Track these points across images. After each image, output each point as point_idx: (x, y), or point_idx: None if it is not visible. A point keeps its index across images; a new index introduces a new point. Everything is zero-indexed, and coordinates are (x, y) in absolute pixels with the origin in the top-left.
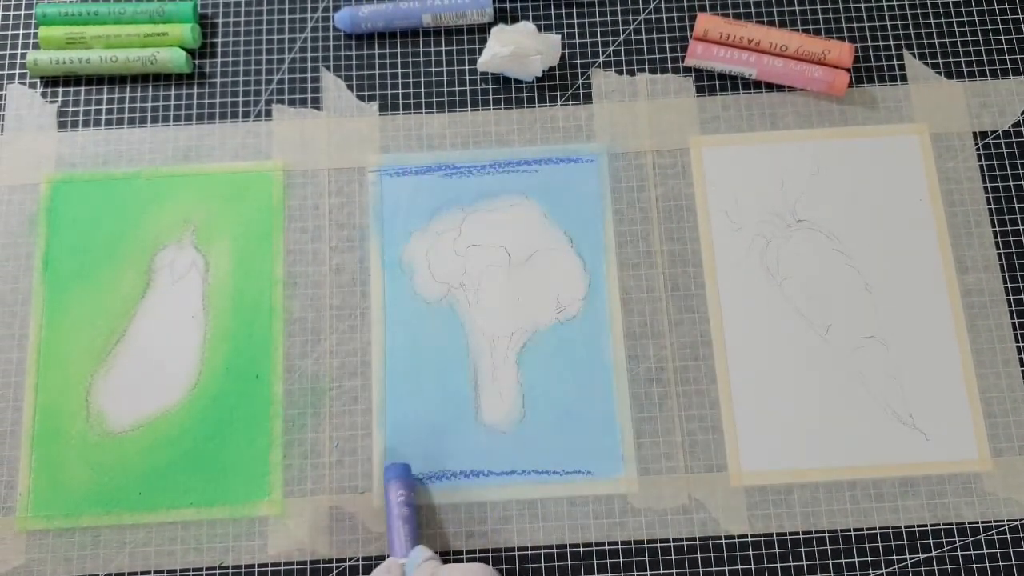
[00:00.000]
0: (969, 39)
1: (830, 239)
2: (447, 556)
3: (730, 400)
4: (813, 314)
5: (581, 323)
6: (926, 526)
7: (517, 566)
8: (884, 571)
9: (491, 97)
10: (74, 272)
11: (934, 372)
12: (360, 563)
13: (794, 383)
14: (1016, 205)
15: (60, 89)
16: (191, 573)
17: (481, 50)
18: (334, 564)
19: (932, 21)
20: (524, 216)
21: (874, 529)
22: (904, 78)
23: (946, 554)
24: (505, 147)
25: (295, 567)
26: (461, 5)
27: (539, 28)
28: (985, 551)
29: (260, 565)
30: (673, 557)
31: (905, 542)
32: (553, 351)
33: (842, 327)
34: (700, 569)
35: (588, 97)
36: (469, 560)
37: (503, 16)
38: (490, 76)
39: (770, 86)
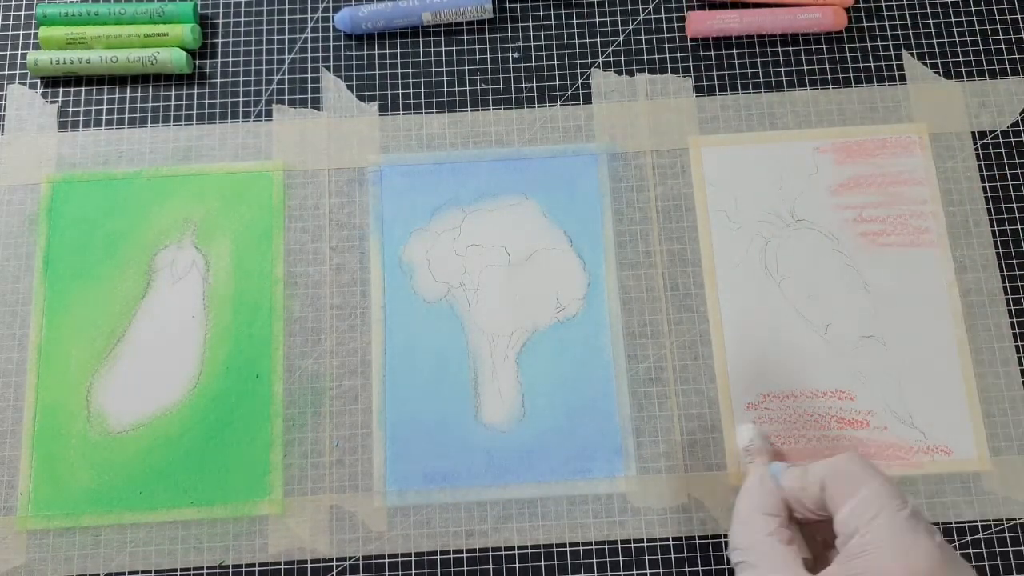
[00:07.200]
0: (968, 39)
1: (828, 239)
2: (447, 555)
3: (729, 399)
4: (812, 313)
5: (581, 323)
6: None
7: (517, 565)
8: None
9: (491, 97)
10: (74, 272)
11: (933, 371)
12: (360, 562)
13: (793, 382)
14: (1015, 205)
15: (60, 89)
16: (191, 572)
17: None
18: (334, 563)
19: (931, 21)
20: (524, 216)
21: None
22: (903, 78)
23: None
24: (505, 147)
25: (295, 566)
26: (461, 2)
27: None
28: (984, 550)
29: (260, 564)
30: (672, 556)
31: None
32: (553, 351)
33: (841, 326)
34: (699, 568)
35: (587, 97)
36: (469, 559)
37: (503, 13)
38: (490, 76)
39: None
